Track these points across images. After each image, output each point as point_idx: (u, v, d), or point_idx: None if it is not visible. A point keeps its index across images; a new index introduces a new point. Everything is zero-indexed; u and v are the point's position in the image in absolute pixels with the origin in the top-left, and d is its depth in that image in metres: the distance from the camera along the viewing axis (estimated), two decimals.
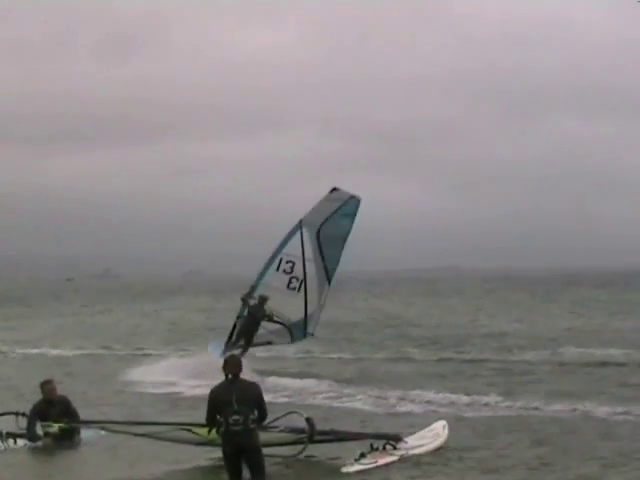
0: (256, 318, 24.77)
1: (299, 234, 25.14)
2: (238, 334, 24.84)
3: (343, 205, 25.17)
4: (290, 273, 25.13)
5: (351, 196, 25.37)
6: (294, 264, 25.13)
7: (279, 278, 25.15)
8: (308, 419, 13.85)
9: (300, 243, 25.14)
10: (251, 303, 24.90)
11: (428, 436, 14.65)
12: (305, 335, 25.63)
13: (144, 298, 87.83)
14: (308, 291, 25.13)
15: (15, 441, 15.60)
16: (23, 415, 15.88)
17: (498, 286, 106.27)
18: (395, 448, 14.02)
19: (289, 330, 25.39)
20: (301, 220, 25.29)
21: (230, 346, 24.33)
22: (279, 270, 25.14)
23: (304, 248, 25.09)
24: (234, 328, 25.05)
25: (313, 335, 25.78)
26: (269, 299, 24.77)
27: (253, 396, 11.16)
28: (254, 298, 24.91)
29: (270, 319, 25.01)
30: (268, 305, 24.79)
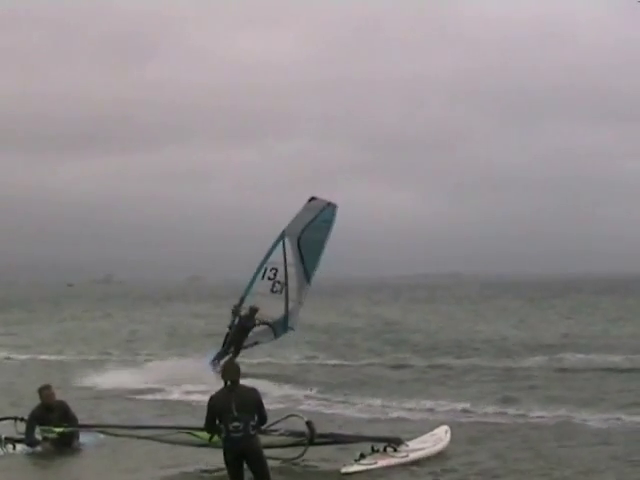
0: (246, 328, 26.02)
1: (281, 243, 26.85)
2: (229, 343, 25.99)
3: (321, 212, 26.92)
4: (273, 278, 26.87)
5: (328, 203, 27.09)
6: (277, 270, 26.85)
7: (264, 284, 26.86)
8: (308, 422, 13.80)
9: (282, 252, 26.83)
10: (242, 313, 26.13)
11: (430, 440, 14.60)
12: (286, 330, 27.33)
13: (145, 304, 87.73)
14: (289, 290, 26.89)
15: (14, 446, 15.57)
16: (22, 420, 15.86)
17: (498, 292, 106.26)
18: (396, 450, 13.96)
19: (273, 328, 27.01)
20: (283, 230, 26.92)
21: (220, 355, 25.44)
22: (264, 278, 26.90)
23: (286, 255, 26.80)
24: (227, 337, 26.20)
25: (293, 329, 27.39)
26: (258, 307, 26.12)
27: (252, 402, 11.06)
28: (244, 309, 26.21)
29: (258, 325, 26.47)
30: (258, 315, 26.16)
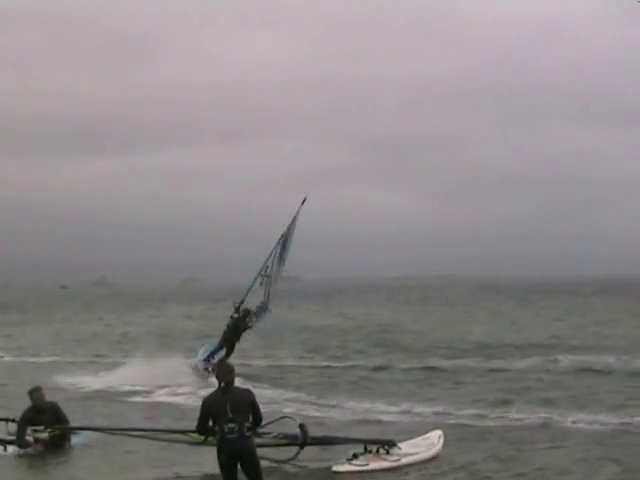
0: (238, 329, 26.61)
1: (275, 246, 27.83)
2: (221, 342, 26.74)
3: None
4: (264, 274, 27.82)
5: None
6: (268, 267, 27.85)
7: (257, 282, 27.79)
8: (301, 425, 13.77)
9: (275, 252, 27.83)
10: (235, 315, 26.70)
11: (422, 445, 14.48)
12: (266, 311, 27.86)
13: (138, 305, 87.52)
14: (272, 280, 27.76)
15: (5, 448, 15.54)
16: (13, 421, 15.82)
17: (491, 294, 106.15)
18: (388, 453, 13.90)
19: (256, 314, 27.57)
20: (282, 235, 27.76)
21: (213, 353, 26.38)
22: (261, 279, 27.73)
23: (275, 253, 27.80)
24: (223, 336, 26.81)
25: (270, 312, 27.92)
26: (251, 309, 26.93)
27: (247, 403, 11.05)
28: (239, 311, 26.80)
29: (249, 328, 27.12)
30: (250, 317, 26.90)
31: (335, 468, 13.41)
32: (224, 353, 26.19)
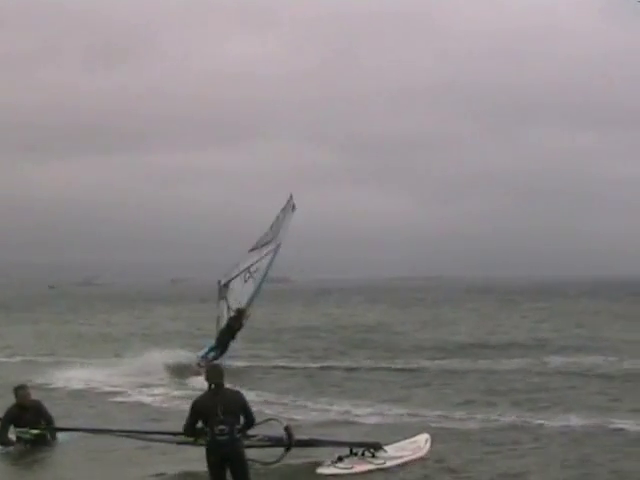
0: (232, 329, 27.46)
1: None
2: (217, 341, 27.53)
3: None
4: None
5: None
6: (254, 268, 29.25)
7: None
8: (287, 427, 13.56)
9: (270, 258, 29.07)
10: (231, 315, 27.83)
11: (409, 448, 14.37)
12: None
13: (124, 306, 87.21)
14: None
15: None
16: None
17: (480, 295, 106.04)
18: (374, 456, 13.80)
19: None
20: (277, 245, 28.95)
21: (210, 351, 27.07)
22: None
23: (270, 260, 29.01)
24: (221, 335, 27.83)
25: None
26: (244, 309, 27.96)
27: (238, 405, 11.05)
28: (233, 310, 27.79)
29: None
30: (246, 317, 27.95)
31: (319, 471, 13.33)
32: (219, 352, 26.86)
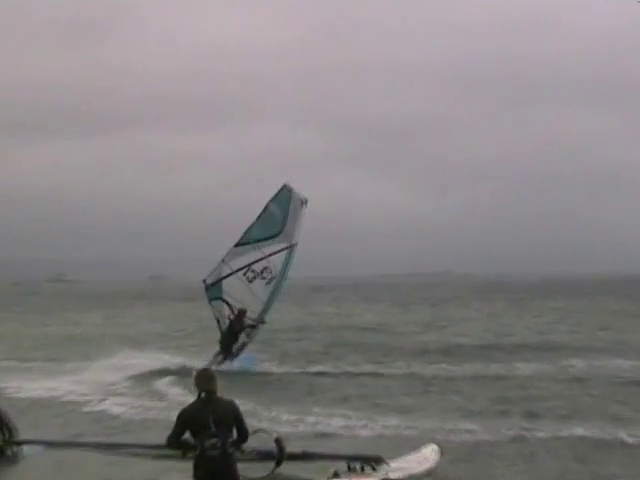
0: (234, 330, 28.35)
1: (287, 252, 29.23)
2: (220, 344, 28.39)
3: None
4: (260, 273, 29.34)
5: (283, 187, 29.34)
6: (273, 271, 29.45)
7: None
8: (277, 440, 13.20)
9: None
10: (231, 317, 28.44)
11: (414, 460, 14.16)
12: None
13: (98, 305, 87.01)
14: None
15: None
16: None
17: (487, 294, 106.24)
18: (375, 470, 13.38)
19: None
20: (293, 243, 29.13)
21: (215, 356, 27.97)
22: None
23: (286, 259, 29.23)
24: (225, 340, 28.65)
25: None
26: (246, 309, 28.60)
27: (231, 416, 10.32)
28: (234, 311, 28.42)
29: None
30: (246, 317, 28.54)
31: None
32: (223, 357, 27.77)
